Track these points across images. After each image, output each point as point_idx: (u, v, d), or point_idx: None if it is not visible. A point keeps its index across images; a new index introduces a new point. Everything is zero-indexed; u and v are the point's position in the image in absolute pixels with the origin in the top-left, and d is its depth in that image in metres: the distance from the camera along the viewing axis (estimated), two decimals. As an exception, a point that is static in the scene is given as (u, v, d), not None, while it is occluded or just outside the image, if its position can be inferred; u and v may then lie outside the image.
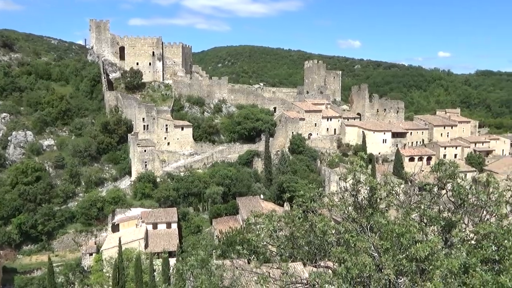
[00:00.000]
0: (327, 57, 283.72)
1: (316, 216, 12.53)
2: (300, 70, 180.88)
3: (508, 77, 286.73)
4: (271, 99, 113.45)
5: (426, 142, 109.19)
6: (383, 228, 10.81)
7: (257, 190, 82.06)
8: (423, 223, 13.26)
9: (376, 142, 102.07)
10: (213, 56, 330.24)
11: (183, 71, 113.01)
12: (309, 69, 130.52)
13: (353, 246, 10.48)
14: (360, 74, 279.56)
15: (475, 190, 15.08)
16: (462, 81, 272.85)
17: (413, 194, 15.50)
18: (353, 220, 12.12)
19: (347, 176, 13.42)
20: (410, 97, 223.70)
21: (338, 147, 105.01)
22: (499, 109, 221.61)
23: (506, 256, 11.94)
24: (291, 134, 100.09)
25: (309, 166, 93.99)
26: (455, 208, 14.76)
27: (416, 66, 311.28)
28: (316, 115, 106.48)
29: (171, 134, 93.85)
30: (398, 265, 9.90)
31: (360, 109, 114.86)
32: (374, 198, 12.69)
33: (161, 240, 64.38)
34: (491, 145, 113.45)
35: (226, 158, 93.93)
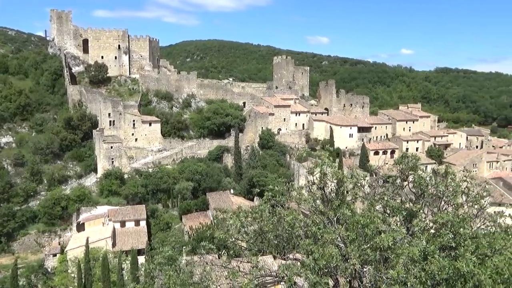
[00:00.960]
0: (295, 52, 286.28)
1: (285, 209, 12.90)
2: (269, 66, 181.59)
3: (465, 74, 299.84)
4: (241, 94, 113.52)
5: (390, 136, 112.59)
6: (349, 220, 11.30)
7: (227, 185, 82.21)
8: (386, 214, 13.94)
9: (343, 136, 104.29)
10: (181, 51, 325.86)
11: (150, 65, 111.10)
12: (278, 65, 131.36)
13: (320, 238, 10.90)
14: (327, 70, 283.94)
15: (434, 181, 16.00)
16: (423, 78, 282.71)
17: (377, 186, 16.13)
18: (321, 212, 12.57)
19: (315, 170, 13.82)
20: (375, 93, 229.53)
21: (307, 142, 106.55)
22: (456, 104, 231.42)
23: (462, 242, 12.79)
24: (260, 129, 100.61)
25: (278, 160, 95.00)
26: (416, 199, 15.59)
27: (380, 63, 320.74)
28: (285, 110, 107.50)
29: (138, 130, 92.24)
30: (363, 255, 10.40)
31: (328, 104, 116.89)
32: (340, 190, 13.20)
33: (129, 238, 63.40)
34: (449, 138, 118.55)
35: (195, 153, 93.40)
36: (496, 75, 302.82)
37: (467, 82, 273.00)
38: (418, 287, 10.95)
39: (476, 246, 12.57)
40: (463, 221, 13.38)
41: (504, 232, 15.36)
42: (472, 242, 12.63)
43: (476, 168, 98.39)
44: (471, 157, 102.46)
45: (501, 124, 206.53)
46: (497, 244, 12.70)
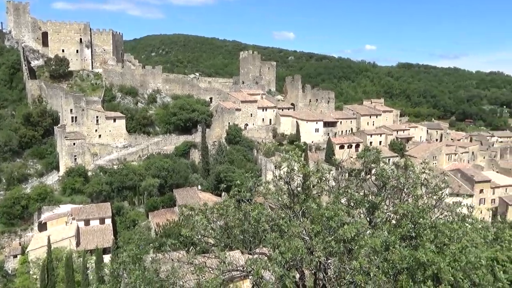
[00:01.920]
0: (262, 48, 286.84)
1: (250, 205, 13.00)
2: (236, 61, 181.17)
3: (425, 69, 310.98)
4: (207, 89, 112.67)
5: (355, 131, 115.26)
6: (314, 213, 11.55)
7: (195, 181, 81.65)
8: (350, 206, 14.34)
9: (309, 131, 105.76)
10: (146, 45, 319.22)
11: (114, 60, 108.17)
12: (245, 60, 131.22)
13: (286, 232, 11.09)
14: (293, 65, 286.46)
15: (396, 174, 16.59)
16: (386, 73, 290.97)
17: (342, 179, 16.52)
18: (287, 206, 12.78)
19: (281, 164, 14.01)
20: (340, 88, 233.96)
21: (274, 137, 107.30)
22: (417, 99, 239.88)
23: (421, 232, 13.38)
24: (227, 125, 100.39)
25: (246, 156, 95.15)
26: (378, 191, 16.12)
27: (345, 58, 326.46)
28: (252, 106, 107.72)
29: (102, 126, 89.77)
30: (327, 247, 10.68)
31: (294, 100, 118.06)
32: (306, 184, 13.44)
33: (94, 237, 61.87)
34: (411, 132, 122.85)
35: (162, 149, 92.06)
36: (455, 70, 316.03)
37: (427, 77, 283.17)
38: (380, 277, 11.38)
39: (435, 235, 13.17)
40: (422, 212, 13.98)
41: (461, 221, 16.20)
42: (431, 232, 13.23)
43: (436, 161, 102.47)
44: (431, 150, 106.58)
45: (459, 118, 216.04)
46: (455, 232, 13.36)
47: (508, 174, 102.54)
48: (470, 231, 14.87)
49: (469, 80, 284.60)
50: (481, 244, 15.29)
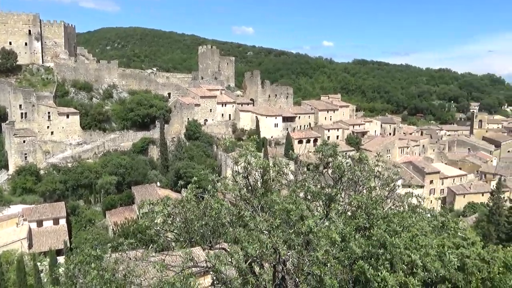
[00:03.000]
0: (221, 42, 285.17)
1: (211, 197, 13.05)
2: (194, 55, 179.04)
3: (379, 66, 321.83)
4: (165, 84, 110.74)
5: (313, 125, 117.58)
6: (274, 207, 11.81)
7: (154, 178, 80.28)
8: (308, 200, 14.76)
9: (269, 126, 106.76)
10: (100, 38, 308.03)
11: (66, 53, 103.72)
12: (203, 55, 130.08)
13: (246, 226, 11.28)
14: (252, 61, 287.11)
15: (351, 167, 17.24)
16: (342, 69, 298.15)
17: (299, 173, 16.93)
18: (246, 201, 12.96)
19: (240, 159, 14.14)
20: (298, 83, 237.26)
21: (234, 132, 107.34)
22: (372, 95, 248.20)
23: (375, 222, 14.04)
24: (186, 120, 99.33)
25: (205, 151, 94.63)
26: (334, 184, 16.69)
27: (303, 54, 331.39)
28: (211, 101, 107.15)
29: (55, 123, 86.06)
30: (287, 240, 11.00)
31: (253, 95, 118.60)
32: (264, 179, 13.66)
33: (47, 238, 59.40)
34: (366, 127, 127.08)
35: (119, 146, 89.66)
36: (406, 67, 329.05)
37: (381, 73, 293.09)
38: (337, 267, 11.87)
39: (387, 225, 13.86)
40: (375, 203, 14.66)
41: (411, 211, 17.14)
42: (383, 222, 13.92)
43: (390, 154, 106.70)
44: (385, 144, 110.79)
45: (410, 113, 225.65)
46: (405, 222, 14.13)
47: (455, 165, 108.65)
48: (419, 220, 15.81)
49: (420, 76, 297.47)
50: (429, 232, 16.29)
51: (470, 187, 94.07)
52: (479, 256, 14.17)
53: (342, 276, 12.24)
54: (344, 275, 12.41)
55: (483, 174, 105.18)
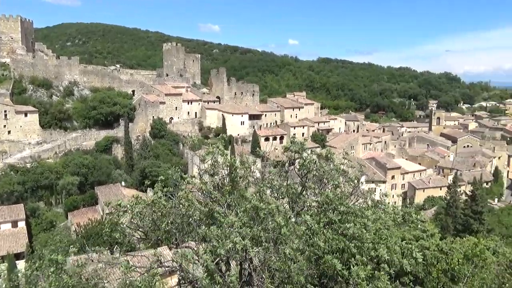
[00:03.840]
0: (186, 40, 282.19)
1: (181, 193, 12.94)
2: (159, 52, 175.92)
3: (343, 64, 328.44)
4: (129, 81, 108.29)
5: (279, 123, 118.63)
6: (242, 204, 11.88)
7: (118, 177, 78.41)
8: (274, 197, 14.93)
9: (235, 124, 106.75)
10: (60, 34, 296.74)
11: (23, 49, 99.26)
12: (168, 52, 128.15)
13: (213, 224, 11.29)
14: (218, 58, 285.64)
15: (317, 164, 17.60)
16: (307, 67, 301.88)
17: (267, 171, 17.07)
18: (213, 199, 12.96)
19: (206, 157, 14.10)
20: (264, 81, 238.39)
21: (200, 130, 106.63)
22: (336, 92, 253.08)
23: (341, 218, 14.41)
24: (151, 118, 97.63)
25: (171, 150, 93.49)
26: (301, 180, 16.98)
27: (269, 52, 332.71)
28: (177, 99, 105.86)
29: (12, 121, 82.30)
30: (255, 237, 11.09)
31: (219, 93, 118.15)
32: (231, 177, 13.69)
33: (5, 241, 56.82)
34: (331, 124, 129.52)
35: (81, 145, 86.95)
36: (369, 65, 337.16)
37: (345, 72, 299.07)
38: (304, 262, 12.10)
39: (353, 220, 14.25)
40: (340, 199, 15.05)
41: (374, 206, 17.71)
42: (350, 217, 14.31)
43: (354, 150, 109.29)
44: (349, 140, 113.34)
45: (373, 110, 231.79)
46: (370, 217, 14.57)
47: (415, 161, 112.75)
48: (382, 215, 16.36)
49: (382, 74, 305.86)
50: (391, 226, 16.89)
51: (429, 181, 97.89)
52: (438, 248, 14.85)
53: (309, 271, 12.49)
54: (311, 270, 12.67)
55: (441, 169, 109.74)
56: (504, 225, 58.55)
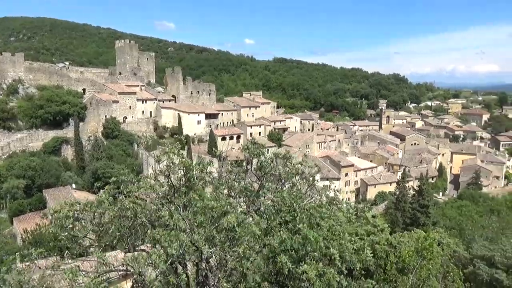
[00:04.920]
0: (140, 37, 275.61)
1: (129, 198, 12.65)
2: (112, 50, 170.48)
3: (298, 64, 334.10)
4: (79, 80, 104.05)
5: (236, 122, 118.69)
6: (197, 205, 11.79)
7: (68, 180, 75.15)
8: (231, 196, 14.96)
9: (191, 123, 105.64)
10: (3, 28, 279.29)
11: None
12: (121, 49, 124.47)
13: (167, 225, 11.14)
14: (173, 57, 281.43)
15: (274, 163, 17.82)
16: (263, 67, 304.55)
17: (223, 170, 17.07)
18: (168, 200, 12.78)
19: (162, 158, 13.87)
20: (221, 80, 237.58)
21: (155, 130, 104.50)
22: (291, 92, 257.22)
23: (296, 216, 14.70)
24: (104, 118, 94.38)
25: (125, 150, 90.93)
26: (258, 180, 17.13)
27: (225, 51, 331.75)
28: (131, 98, 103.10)
29: None
30: (209, 237, 11.05)
31: (175, 92, 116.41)
32: (187, 177, 13.53)
33: None
34: (287, 123, 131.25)
35: (27, 147, 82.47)
36: (323, 66, 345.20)
37: (300, 72, 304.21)
38: (259, 261, 12.23)
39: (308, 218, 14.59)
40: (296, 198, 15.34)
41: (329, 203, 18.21)
42: (306, 216, 14.62)
43: (309, 149, 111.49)
44: (305, 139, 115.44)
45: (327, 109, 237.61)
46: (323, 214, 14.96)
47: (367, 158, 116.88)
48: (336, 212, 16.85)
49: (335, 75, 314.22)
50: (345, 222, 17.44)
51: (380, 178, 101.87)
52: (388, 242, 15.53)
53: (265, 270, 12.65)
54: (267, 269, 12.84)
55: (390, 165, 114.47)
56: (448, 218, 62.12)
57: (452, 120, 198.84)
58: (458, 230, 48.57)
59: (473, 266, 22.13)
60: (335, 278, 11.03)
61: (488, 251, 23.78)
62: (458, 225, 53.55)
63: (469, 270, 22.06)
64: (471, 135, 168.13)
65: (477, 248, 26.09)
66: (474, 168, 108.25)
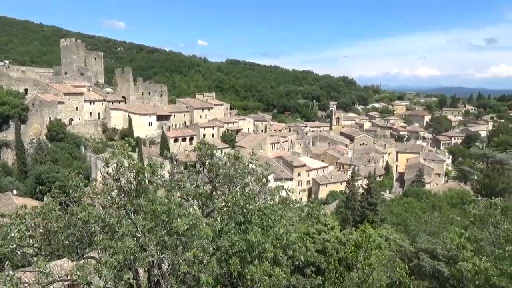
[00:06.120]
0: (87, 36, 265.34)
1: (77, 205, 12.12)
2: (56, 49, 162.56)
3: (251, 66, 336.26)
4: (21, 79, 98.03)
5: (188, 124, 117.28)
6: (147, 209, 11.50)
7: (8, 186, 70.56)
8: (184, 199, 14.77)
9: (142, 125, 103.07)
10: None
11: None
12: (67, 48, 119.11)
13: (117, 231, 10.79)
14: (123, 57, 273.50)
15: (226, 164, 17.81)
16: (216, 68, 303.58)
17: (175, 172, 16.81)
18: (118, 205, 12.37)
19: (111, 161, 13.39)
20: (173, 81, 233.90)
21: (104, 132, 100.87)
22: (244, 93, 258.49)
23: (250, 217, 14.78)
24: (48, 120, 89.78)
25: (72, 153, 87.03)
26: (210, 182, 17.04)
27: (177, 52, 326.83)
28: (78, 99, 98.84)
29: None
30: (160, 242, 10.82)
31: (125, 93, 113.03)
32: (138, 180, 13.16)
33: None
34: (240, 124, 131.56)
35: (-40, 151, 76.65)
36: (275, 68, 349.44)
37: (252, 73, 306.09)
38: (213, 264, 12.17)
39: (261, 219, 14.72)
40: (249, 198, 15.42)
41: (282, 203, 18.48)
42: (258, 216, 14.74)
43: (262, 150, 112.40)
44: (258, 140, 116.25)
45: (280, 111, 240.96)
46: (276, 214, 15.17)
47: (318, 158, 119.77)
48: (288, 211, 17.15)
49: (287, 77, 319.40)
50: (297, 221, 17.78)
51: (331, 177, 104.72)
52: (337, 239, 16.02)
53: (218, 272, 12.61)
54: (221, 271, 12.80)
55: (341, 165, 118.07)
56: (394, 214, 64.84)
57: (397, 121, 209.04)
58: (404, 226, 50.79)
59: (418, 259, 23.34)
60: (282, 277, 11.25)
61: (431, 244, 25.16)
62: (404, 221, 56.04)
63: (414, 263, 23.24)
64: (414, 135, 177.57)
65: (421, 242, 27.53)
66: (417, 167, 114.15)
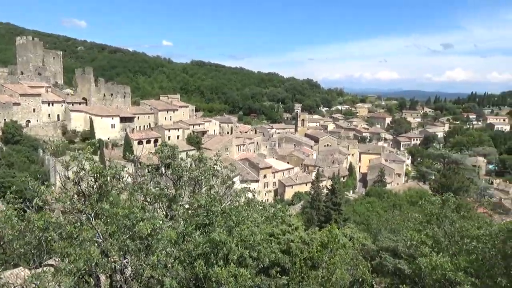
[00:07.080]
0: (45, 34, 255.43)
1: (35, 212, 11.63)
2: (11, 47, 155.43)
3: (216, 67, 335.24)
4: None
5: (153, 126, 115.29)
6: (108, 213, 11.21)
7: (-41, 192, 66.84)
8: (147, 202, 14.51)
9: (105, 127, 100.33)
10: None
11: None
12: (23, 46, 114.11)
13: (77, 238, 10.45)
14: (84, 57, 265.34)
15: (191, 166, 17.66)
16: (181, 69, 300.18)
17: (138, 175, 16.49)
18: (78, 210, 11.98)
19: (71, 164, 12.98)
20: (136, 83, 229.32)
21: (64, 134, 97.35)
22: (210, 95, 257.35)
23: (214, 219, 14.73)
24: (3, 122, 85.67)
25: (29, 157, 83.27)
26: (174, 184, 16.84)
27: (140, 52, 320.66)
28: (35, 100, 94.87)
29: None
30: (122, 246, 10.57)
31: (86, 94, 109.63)
32: (99, 184, 12.80)
33: None
34: (206, 126, 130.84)
35: None
36: (241, 70, 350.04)
37: (218, 75, 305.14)
38: (177, 267, 12.04)
39: (225, 221, 14.71)
40: (214, 200, 15.38)
41: (247, 205, 18.53)
42: (222, 218, 14.72)
43: (228, 152, 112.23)
44: (224, 142, 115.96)
45: (245, 113, 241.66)
46: (241, 216, 15.20)
47: (284, 160, 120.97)
48: (253, 213, 17.22)
49: (252, 79, 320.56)
50: (261, 222, 17.89)
51: (296, 178, 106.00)
52: (301, 239, 16.22)
53: (183, 275, 12.48)
54: (185, 274, 12.68)
55: (306, 166, 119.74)
56: (357, 214, 66.46)
57: (360, 123, 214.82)
58: (366, 224, 52.21)
59: (380, 258, 23.99)
60: (248, 277, 11.31)
61: (392, 242, 25.93)
62: (366, 220, 57.60)
63: (376, 261, 23.87)
64: (376, 137, 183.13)
65: (383, 240, 28.38)
66: (379, 167, 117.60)
